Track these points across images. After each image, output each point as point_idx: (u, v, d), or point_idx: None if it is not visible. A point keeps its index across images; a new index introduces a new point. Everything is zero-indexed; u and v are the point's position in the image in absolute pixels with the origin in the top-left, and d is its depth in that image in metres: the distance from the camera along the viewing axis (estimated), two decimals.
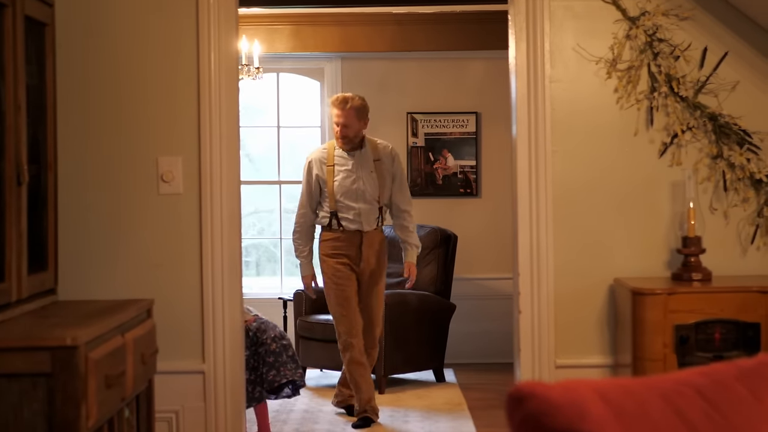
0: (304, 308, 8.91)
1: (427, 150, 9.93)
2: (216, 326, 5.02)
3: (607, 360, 5.04)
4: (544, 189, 5.01)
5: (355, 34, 9.38)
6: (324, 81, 9.98)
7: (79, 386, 3.56)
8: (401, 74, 9.89)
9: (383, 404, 8.04)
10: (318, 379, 9.06)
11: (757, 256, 5.02)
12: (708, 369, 2.62)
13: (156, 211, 5.01)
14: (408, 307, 8.67)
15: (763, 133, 5.00)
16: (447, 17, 9.25)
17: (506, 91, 9.81)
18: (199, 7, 4.98)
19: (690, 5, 4.99)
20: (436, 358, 8.97)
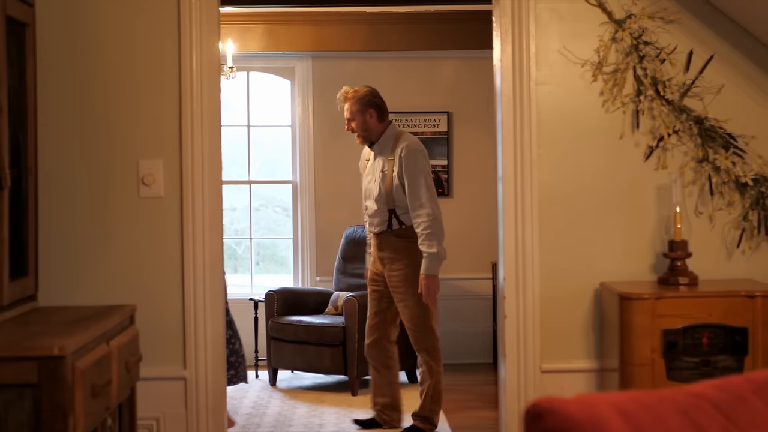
0: (276, 309, 8.85)
1: None
2: (198, 332, 4.95)
3: (592, 365, 5.01)
4: (530, 192, 4.97)
5: (328, 33, 9.32)
6: (295, 80, 9.91)
7: (66, 397, 3.49)
8: (372, 73, 9.82)
9: (356, 407, 7.98)
10: (290, 380, 9.00)
11: (743, 259, 5.01)
12: (723, 383, 2.58)
13: (136, 214, 4.93)
14: None
15: (748, 136, 4.98)
16: (421, 17, 9.21)
17: (478, 91, 9.87)
18: (181, 8, 4.91)
19: (676, 8, 4.97)
20: (409, 359, 8.92)
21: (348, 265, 9.34)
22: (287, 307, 8.94)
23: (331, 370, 8.55)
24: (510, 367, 5.01)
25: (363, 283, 9.21)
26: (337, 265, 9.42)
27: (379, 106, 6.63)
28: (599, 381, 4.98)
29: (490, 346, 9.75)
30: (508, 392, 5.02)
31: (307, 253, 9.96)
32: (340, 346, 8.44)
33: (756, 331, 4.60)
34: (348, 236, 9.43)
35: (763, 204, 4.95)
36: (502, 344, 5.07)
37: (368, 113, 6.59)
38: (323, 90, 9.86)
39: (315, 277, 9.95)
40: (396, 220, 6.41)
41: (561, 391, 4.97)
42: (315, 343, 8.53)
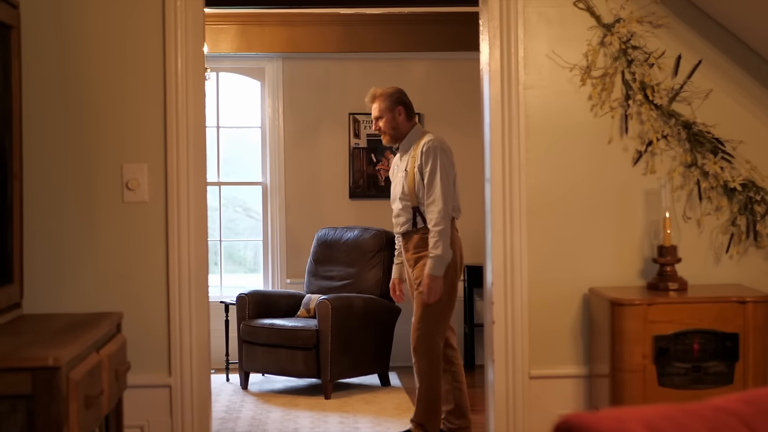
0: (247, 312, 8.78)
1: (370, 151, 9.84)
2: (183, 339, 4.88)
3: (581, 370, 4.99)
4: (518, 197, 4.94)
5: (301, 34, 9.27)
6: (265, 81, 9.84)
7: (61, 409, 3.41)
8: (343, 74, 9.78)
9: (331, 410, 7.94)
10: (261, 384, 8.93)
11: (730, 264, 5.01)
12: (749, 396, 2.56)
13: (121, 219, 4.85)
14: (354, 310, 8.57)
15: (736, 141, 4.98)
16: (394, 18, 9.17)
17: (449, 93, 9.85)
18: (166, 11, 4.84)
19: (664, 12, 4.96)
20: (381, 362, 8.89)
21: (320, 268, 9.29)
22: (259, 309, 8.87)
23: (304, 373, 8.49)
24: (498, 373, 4.98)
25: (335, 285, 9.17)
26: (309, 267, 9.36)
27: (408, 105, 6.55)
28: (588, 387, 4.96)
29: (463, 350, 9.72)
30: (497, 398, 4.99)
31: (277, 255, 9.89)
32: (314, 349, 8.38)
33: (747, 337, 4.60)
34: (320, 238, 9.37)
35: (752, 209, 4.95)
36: (490, 350, 5.04)
37: (397, 111, 6.47)
38: (293, 91, 9.80)
39: (285, 280, 9.88)
40: (420, 218, 6.27)
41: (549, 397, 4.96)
42: (288, 347, 8.48)
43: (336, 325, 8.36)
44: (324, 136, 9.88)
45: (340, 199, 9.83)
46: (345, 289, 9.02)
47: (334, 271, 9.21)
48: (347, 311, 8.50)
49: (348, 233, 9.24)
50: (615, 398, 4.63)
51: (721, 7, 4.90)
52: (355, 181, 9.76)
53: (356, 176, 9.79)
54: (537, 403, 4.97)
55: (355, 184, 9.75)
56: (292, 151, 9.84)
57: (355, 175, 9.79)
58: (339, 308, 8.41)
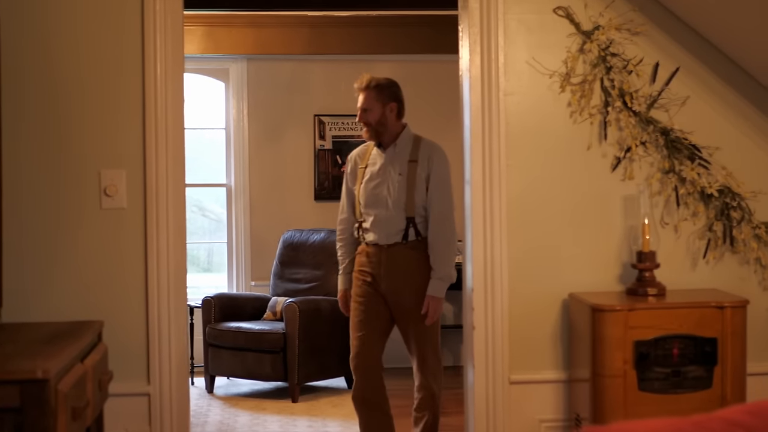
0: (213, 315, 8.74)
1: (335, 153, 9.83)
2: (162, 347, 4.84)
3: (560, 375, 5.01)
4: (498, 203, 4.95)
5: (268, 36, 9.23)
6: (229, 82, 9.80)
7: (49, 422, 3.38)
8: (308, 76, 9.76)
9: (299, 414, 7.93)
10: (227, 387, 8.89)
11: (707, 269, 5.05)
12: (754, 407, 2.58)
13: (98, 226, 4.81)
14: (321, 313, 8.56)
15: (712, 148, 5.02)
16: (361, 21, 9.17)
17: (413, 94, 9.82)
18: (145, 15, 4.80)
19: (642, 20, 4.99)
20: (348, 365, 8.87)
21: (286, 270, 9.26)
22: (224, 312, 8.84)
23: (271, 376, 8.47)
24: (479, 379, 4.99)
25: (302, 288, 9.14)
26: (275, 269, 9.33)
27: (401, 102, 5.85)
28: (568, 392, 4.99)
29: None
30: (477, 403, 5.00)
31: (242, 257, 9.85)
32: (281, 352, 8.36)
33: (725, 342, 4.64)
34: (286, 240, 9.35)
35: (728, 215, 4.99)
36: (470, 355, 5.05)
37: (389, 107, 5.73)
38: (258, 92, 9.77)
39: (250, 282, 9.84)
40: (413, 230, 5.55)
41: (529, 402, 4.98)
42: (255, 350, 8.45)
43: (303, 328, 8.35)
44: (289, 138, 9.85)
45: (305, 201, 9.81)
46: (311, 292, 9.00)
47: (300, 273, 9.19)
48: (314, 314, 8.49)
49: (314, 235, 9.23)
50: (596, 403, 4.66)
51: (698, 15, 4.94)
52: (320, 182, 9.74)
53: (321, 178, 9.77)
54: (517, 408, 4.99)
55: (320, 186, 9.73)
56: (256, 152, 9.80)
57: (321, 177, 9.78)
58: (306, 311, 8.40)
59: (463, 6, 5.08)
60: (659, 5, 4.99)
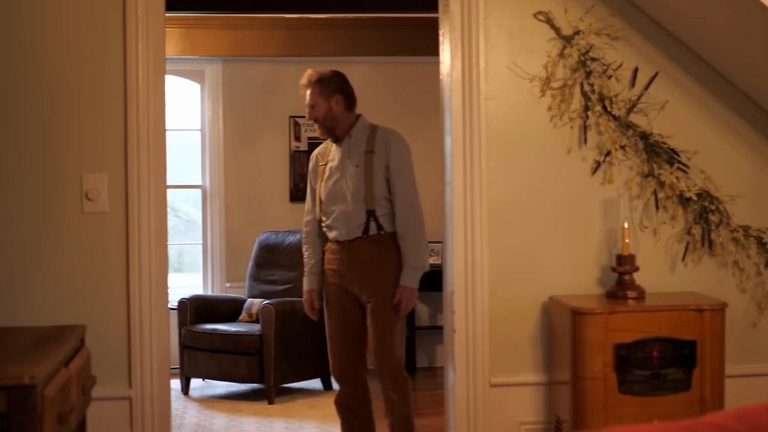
0: (188, 317, 8.73)
1: (310, 154, 9.80)
2: (143, 350, 4.84)
3: (540, 378, 5.04)
4: (479, 207, 4.98)
5: (245, 38, 9.24)
6: (205, 83, 9.78)
7: (36, 428, 3.38)
8: (283, 77, 9.75)
9: (275, 416, 7.93)
10: (202, 389, 8.87)
11: (685, 272, 5.10)
12: (742, 413, 2.62)
13: (80, 230, 4.80)
14: (297, 315, 8.55)
15: (691, 152, 5.07)
16: (337, 23, 9.18)
17: (387, 96, 9.87)
18: (127, 18, 4.79)
19: (622, 25, 5.03)
20: (324, 367, 8.88)
21: (262, 272, 9.25)
22: (200, 314, 8.82)
23: (247, 378, 8.46)
24: (459, 382, 5.01)
25: (277, 289, 9.14)
26: (250, 271, 9.32)
27: (348, 93, 5.64)
28: (548, 394, 5.02)
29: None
30: (458, 405, 5.02)
31: (217, 259, 9.84)
32: (257, 354, 8.36)
33: (704, 344, 4.69)
34: (261, 242, 9.34)
35: (706, 218, 5.04)
36: (451, 359, 5.07)
37: (334, 99, 5.54)
38: (233, 93, 9.76)
39: (225, 283, 9.84)
40: (375, 224, 5.35)
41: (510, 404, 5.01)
42: (231, 352, 8.44)
43: (279, 330, 8.35)
44: (264, 139, 9.85)
45: (281, 203, 9.80)
46: (287, 294, 9.00)
47: (276, 275, 9.19)
48: (290, 316, 8.48)
49: (290, 237, 9.22)
50: (576, 406, 4.69)
51: (676, 20, 4.98)
52: (295, 184, 9.74)
53: (297, 179, 9.77)
54: (497, 411, 5.02)
55: (295, 188, 9.73)
56: (232, 153, 9.79)
57: (296, 179, 9.78)
58: (282, 313, 8.40)
59: (444, 10, 5.10)
60: (638, 10, 5.03)
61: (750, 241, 5.08)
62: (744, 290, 5.12)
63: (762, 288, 5.11)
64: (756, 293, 5.12)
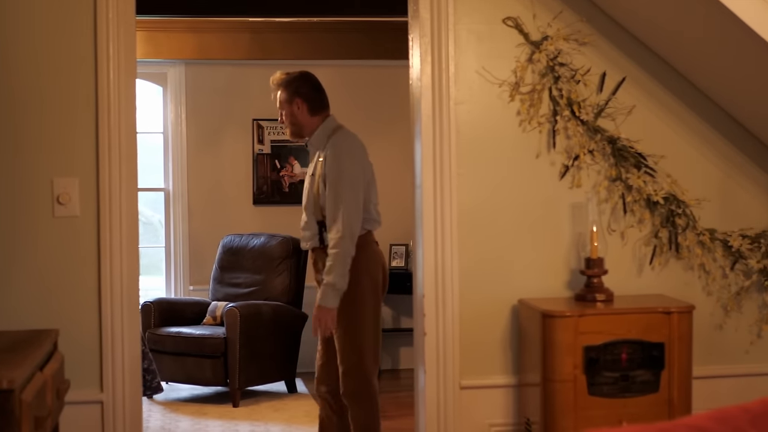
0: (153, 320, 8.71)
1: (274, 157, 9.84)
2: (115, 354, 4.84)
3: (510, 380, 5.08)
4: (449, 210, 5.01)
5: (209, 41, 9.24)
6: (167, 86, 9.77)
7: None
8: (247, 80, 9.76)
9: (240, 419, 7.93)
10: (166, 392, 8.85)
11: (652, 275, 5.16)
12: (720, 414, 2.66)
13: (51, 234, 4.79)
14: (262, 318, 8.57)
15: (657, 156, 5.13)
16: (302, 26, 9.21)
17: (350, 99, 9.90)
18: (98, 21, 4.79)
19: (589, 31, 5.08)
20: (288, 369, 8.90)
21: (226, 275, 9.26)
22: (164, 317, 8.81)
23: (211, 381, 8.46)
24: (429, 384, 5.04)
25: (242, 292, 9.14)
26: (214, 274, 9.32)
27: (309, 96, 5.44)
28: (518, 396, 5.06)
29: None
30: (428, 408, 5.05)
31: (180, 262, 9.82)
32: (222, 357, 8.36)
33: (672, 346, 4.75)
34: (225, 245, 9.34)
35: (673, 222, 5.11)
36: (422, 362, 5.10)
37: (295, 103, 5.42)
38: (196, 96, 9.75)
39: (188, 287, 9.82)
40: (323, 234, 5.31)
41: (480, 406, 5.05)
42: (195, 355, 8.44)
43: (244, 333, 8.35)
44: (228, 142, 9.85)
45: (244, 206, 9.81)
46: (252, 296, 9.01)
47: (240, 278, 9.19)
48: (255, 318, 8.50)
49: (254, 240, 9.23)
50: (546, 407, 4.74)
51: (643, 26, 5.05)
52: (259, 187, 9.75)
53: (260, 182, 9.78)
54: (467, 413, 5.05)
55: (259, 191, 9.74)
56: (195, 156, 9.78)
57: (259, 182, 9.79)
58: (247, 316, 8.41)
59: (413, 15, 5.13)
60: (606, 16, 5.09)
61: (716, 244, 5.15)
62: (710, 293, 5.19)
63: (728, 290, 5.19)
64: (722, 296, 5.19)
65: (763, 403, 2.67)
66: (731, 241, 5.13)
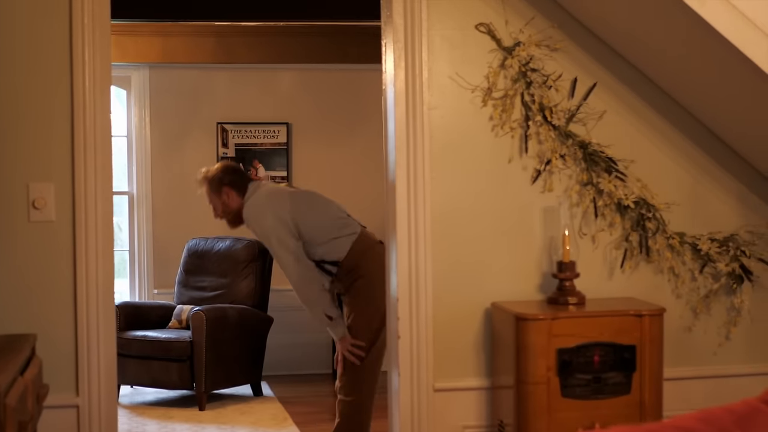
0: (118, 324, 8.67)
1: (238, 161, 9.86)
2: (91, 358, 4.84)
3: (483, 383, 5.13)
4: (423, 215, 5.05)
5: (175, 45, 9.24)
6: (131, 90, 9.76)
7: None
8: (211, 83, 9.76)
9: (207, 422, 7.94)
10: (131, 396, 8.86)
11: (623, 278, 5.22)
12: (705, 415, 2.73)
13: (27, 239, 4.78)
14: (228, 321, 8.59)
15: (628, 161, 5.20)
16: (268, 30, 9.23)
17: (316, 103, 9.94)
18: (73, 26, 4.79)
19: (561, 37, 5.14)
20: (254, 373, 8.92)
21: (191, 278, 9.26)
22: (129, 321, 8.81)
23: (177, 385, 8.47)
24: (404, 387, 5.08)
25: (207, 296, 9.15)
26: (179, 277, 9.32)
27: (234, 181, 6.12)
28: (491, 398, 5.11)
29: (328, 356, 9.82)
30: (402, 412, 5.09)
31: (144, 265, 9.81)
32: (188, 360, 8.36)
33: (643, 349, 4.81)
34: (190, 248, 9.34)
35: (644, 226, 5.17)
36: (395, 365, 5.14)
37: (224, 193, 6.10)
38: (160, 100, 9.75)
39: (153, 290, 9.81)
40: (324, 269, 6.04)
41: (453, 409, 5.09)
42: (161, 358, 8.44)
43: (210, 336, 8.37)
44: (192, 146, 9.85)
45: (209, 209, 9.78)
46: (217, 300, 9.02)
47: (205, 281, 9.20)
48: (221, 322, 8.51)
49: (219, 243, 9.24)
50: (520, 409, 4.79)
51: (613, 32, 5.11)
52: None
53: None
54: (441, 415, 5.09)
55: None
56: (159, 160, 9.78)
57: None
58: (213, 319, 8.42)
59: (386, 21, 5.17)
60: (577, 23, 5.15)
61: (685, 247, 5.23)
62: (679, 295, 5.26)
63: (697, 293, 5.26)
64: (691, 298, 5.27)
65: (746, 405, 2.74)
66: (700, 244, 5.21)
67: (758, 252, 5.27)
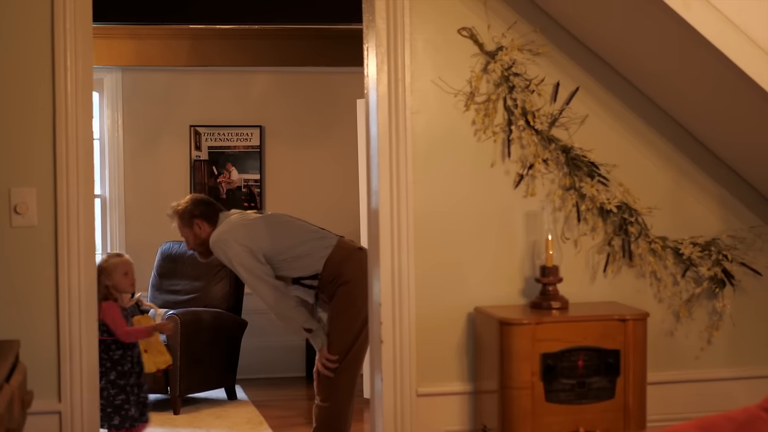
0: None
1: (211, 164, 9.82)
2: (73, 364, 4.80)
3: (466, 387, 5.13)
4: (405, 219, 5.04)
5: (150, 48, 9.19)
6: (104, 92, 9.70)
7: None
8: (184, 86, 9.73)
9: (182, 426, 7.90)
10: None
11: (605, 282, 5.24)
12: (705, 423, 2.73)
13: (8, 244, 4.74)
14: (202, 325, 8.56)
15: (610, 165, 5.21)
16: (242, 33, 9.20)
17: (290, 105, 9.92)
18: (55, 30, 4.75)
19: (543, 41, 5.15)
20: (228, 376, 8.89)
21: (164, 282, 9.21)
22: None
23: (152, 388, 8.37)
24: (387, 392, 5.07)
25: (181, 299, 9.11)
26: (153, 281, 9.27)
27: (205, 212, 6.22)
28: (474, 403, 5.11)
29: (302, 360, 9.80)
30: (385, 416, 5.08)
31: None
32: None
33: (627, 353, 4.83)
34: (164, 252, 9.29)
35: (626, 230, 5.19)
36: (378, 370, 5.13)
37: (196, 225, 6.20)
38: (133, 102, 9.70)
39: None
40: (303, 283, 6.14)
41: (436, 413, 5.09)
42: None
43: (185, 340, 8.32)
44: (165, 149, 9.81)
45: None
46: (191, 303, 8.98)
47: (179, 285, 9.16)
48: (196, 326, 8.47)
49: None
50: (504, 414, 4.80)
51: (596, 37, 5.13)
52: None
53: (198, 189, 9.75)
54: (424, 420, 5.09)
55: None
56: (131, 163, 9.73)
57: (197, 188, 9.75)
58: (188, 323, 8.38)
59: (369, 25, 5.16)
60: (560, 27, 5.16)
61: (667, 251, 5.25)
62: (661, 300, 5.28)
63: (679, 297, 5.29)
64: (673, 302, 5.29)
65: (746, 412, 2.75)
66: (682, 248, 5.23)
67: (740, 256, 5.30)
